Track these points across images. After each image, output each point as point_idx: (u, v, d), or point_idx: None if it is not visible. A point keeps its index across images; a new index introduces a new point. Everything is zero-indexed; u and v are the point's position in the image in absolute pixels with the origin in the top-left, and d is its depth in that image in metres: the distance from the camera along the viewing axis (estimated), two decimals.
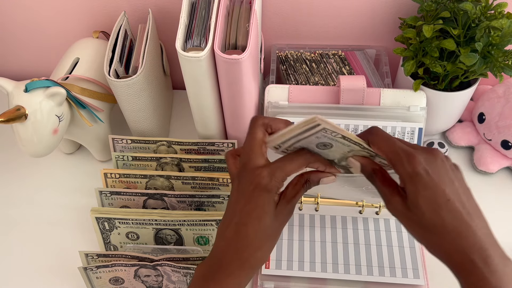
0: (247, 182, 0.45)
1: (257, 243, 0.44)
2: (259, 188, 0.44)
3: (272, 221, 0.44)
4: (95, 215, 0.58)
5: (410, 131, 0.61)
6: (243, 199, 0.45)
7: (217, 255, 0.45)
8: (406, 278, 0.58)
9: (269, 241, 0.45)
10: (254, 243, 0.44)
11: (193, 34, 0.56)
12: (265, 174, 0.44)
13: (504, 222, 0.65)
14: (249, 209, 0.44)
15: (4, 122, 0.54)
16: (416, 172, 0.41)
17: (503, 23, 0.55)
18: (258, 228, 0.44)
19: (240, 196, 0.45)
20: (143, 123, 0.68)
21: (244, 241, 0.44)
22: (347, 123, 0.61)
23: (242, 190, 0.45)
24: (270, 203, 0.44)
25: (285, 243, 0.61)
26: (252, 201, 0.44)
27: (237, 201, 0.45)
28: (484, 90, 0.74)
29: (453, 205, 0.40)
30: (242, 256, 0.44)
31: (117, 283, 0.57)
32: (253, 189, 0.44)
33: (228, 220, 0.46)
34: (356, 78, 0.62)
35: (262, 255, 0.45)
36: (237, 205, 0.45)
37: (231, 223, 0.45)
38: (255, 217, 0.44)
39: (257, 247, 0.44)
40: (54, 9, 0.74)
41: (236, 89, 0.58)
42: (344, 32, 0.75)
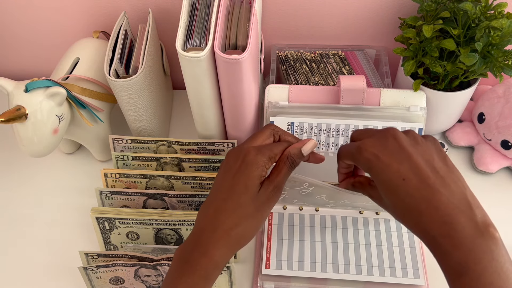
0: (234, 159, 0.45)
1: (235, 219, 0.43)
2: (245, 162, 0.44)
3: (253, 197, 0.43)
4: (95, 215, 0.58)
5: None
6: (229, 176, 0.44)
7: (194, 234, 0.44)
8: (407, 278, 0.58)
9: (250, 219, 0.43)
10: (231, 218, 0.43)
11: (193, 34, 0.56)
12: (252, 150, 0.44)
13: (504, 222, 0.65)
14: (233, 184, 0.43)
15: (4, 122, 0.54)
16: (366, 159, 0.41)
17: (503, 23, 0.56)
18: (237, 202, 0.43)
19: (226, 174, 0.45)
20: (143, 123, 0.68)
21: (222, 216, 0.43)
22: (347, 123, 0.62)
23: (228, 168, 0.45)
24: (254, 178, 0.43)
25: (285, 243, 0.62)
26: (236, 176, 0.44)
27: (222, 178, 0.45)
28: (484, 90, 0.74)
29: (409, 183, 0.39)
30: (218, 232, 0.42)
31: (117, 283, 0.57)
32: (239, 165, 0.44)
33: (211, 199, 0.45)
34: (356, 78, 0.62)
35: (241, 233, 0.43)
36: (222, 182, 0.45)
37: (213, 201, 0.44)
38: (237, 192, 0.43)
39: (235, 223, 0.43)
40: (54, 9, 0.74)
41: (236, 89, 0.58)
42: (344, 32, 0.75)
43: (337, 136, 0.62)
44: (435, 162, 0.40)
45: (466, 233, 0.36)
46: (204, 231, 0.43)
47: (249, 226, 0.44)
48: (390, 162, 0.40)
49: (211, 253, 0.42)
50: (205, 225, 0.44)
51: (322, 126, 0.62)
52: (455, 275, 0.36)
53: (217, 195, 0.45)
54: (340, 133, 0.62)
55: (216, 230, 0.43)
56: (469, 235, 0.36)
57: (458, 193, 0.38)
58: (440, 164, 0.40)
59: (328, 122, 0.62)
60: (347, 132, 0.61)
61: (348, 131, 0.62)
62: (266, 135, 0.48)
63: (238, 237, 0.43)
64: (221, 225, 0.43)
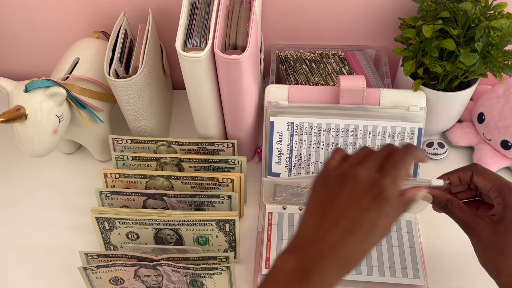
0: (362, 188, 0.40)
1: (362, 257, 0.39)
2: (380, 199, 0.39)
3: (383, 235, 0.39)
4: (95, 215, 0.58)
5: (410, 131, 0.61)
6: (357, 206, 0.39)
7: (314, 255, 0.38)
8: (406, 278, 0.58)
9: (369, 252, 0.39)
10: (359, 257, 0.38)
11: (193, 34, 0.56)
12: (388, 182, 0.39)
13: None
14: (364, 219, 0.38)
15: (4, 122, 0.54)
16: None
17: (502, 23, 0.56)
18: (367, 242, 0.38)
19: (354, 202, 0.39)
20: (143, 123, 0.68)
21: (349, 252, 0.38)
22: (347, 123, 0.62)
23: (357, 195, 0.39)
24: (387, 218, 0.39)
25: (285, 243, 0.61)
26: (369, 211, 0.39)
27: (348, 204, 0.40)
28: (484, 90, 0.74)
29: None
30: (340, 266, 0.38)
31: (117, 283, 0.57)
32: (371, 199, 0.39)
33: (332, 221, 0.39)
34: (356, 78, 0.62)
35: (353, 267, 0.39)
36: (348, 210, 0.39)
37: (336, 227, 0.39)
38: (366, 230, 0.38)
39: (360, 260, 0.38)
40: (54, 9, 0.74)
41: (236, 89, 0.58)
42: (344, 32, 0.75)
43: (337, 136, 0.62)
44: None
45: None
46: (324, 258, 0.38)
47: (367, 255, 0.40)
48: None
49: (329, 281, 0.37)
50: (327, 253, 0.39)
51: (322, 126, 0.62)
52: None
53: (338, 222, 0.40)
54: (340, 133, 0.62)
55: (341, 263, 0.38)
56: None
57: None
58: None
59: (328, 122, 0.62)
60: (347, 132, 0.62)
61: (347, 131, 0.62)
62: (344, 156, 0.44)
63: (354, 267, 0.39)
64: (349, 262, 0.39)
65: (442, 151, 0.72)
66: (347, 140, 0.61)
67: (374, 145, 0.62)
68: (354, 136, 0.61)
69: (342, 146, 0.62)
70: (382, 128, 0.61)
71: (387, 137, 0.61)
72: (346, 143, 0.62)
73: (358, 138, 0.61)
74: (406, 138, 0.61)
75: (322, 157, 0.62)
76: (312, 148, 0.62)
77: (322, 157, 0.62)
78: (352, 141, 0.61)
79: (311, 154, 0.62)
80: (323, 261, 0.37)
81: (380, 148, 0.44)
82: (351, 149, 0.62)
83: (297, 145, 0.62)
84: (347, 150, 0.62)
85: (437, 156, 0.72)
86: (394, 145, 0.44)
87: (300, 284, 0.37)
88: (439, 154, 0.72)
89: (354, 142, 0.61)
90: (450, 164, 0.71)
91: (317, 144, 0.62)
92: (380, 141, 0.62)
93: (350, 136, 0.61)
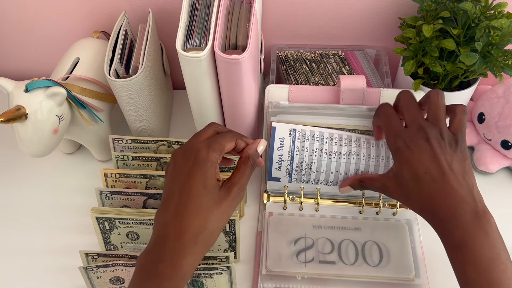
0: (184, 158, 0.43)
1: (201, 222, 0.41)
2: (198, 160, 0.42)
3: (215, 197, 0.42)
4: (95, 215, 0.58)
5: None
6: (182, 177, 0.42)
7: (156, 243, 0.41)
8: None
9: (215, 220, 0.41)
10: (196, 222, 0.41)
11: (193, 34, 0.56)
12: (202, 147, 0.43)
13: (504, 222, 0.65)
14: (189, 186, 0.42)
15: (4, 122, 0.54)
16: (397, 146, 0.51)
17: (502, 23, 0.56)
18: (199, 204, 0.41)
19: (179, 176, 0.43)
20: (143, 123, 0.68)
21: (185, 221, 0.40)
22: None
23: (180, 169, 0.43)
24: (212, 177, 0.42)
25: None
26: (191, 176, 0.42)
27: (175, 181, 0.43)
28: (484, 90, 0.74)
29: (430, 176, 0.48)
30: (183, 240, 0.40)
31: (118, 283, 0.57)
32: (192, 164, 0.42)
33: (166, 201, 0.42)
34: (356, 78, 0.62)
35: (208, 236, 0.41)
36: (176, 186, 0.42)
37: (169, 205, 0.42)
38: (195, 193, 0.41)
39: (201, 227, 0.41)
40: (54, 9, 0.74)
41: (236, 89, 0.58)
42: (344, 32, 0.75)
43: (340, 145, 0.61)
44: (453, 163, 0.48)
45: (467, 217, 0.45)
46: (167, 239, 0.41)
47: (215, 227, 0.42)
48: (418, 156, 0.49)
49: (179, 263, 0.40)
50: (168, 233, 0.41)
51: (324, 134, 0.61)
52: (454, 248, 0.46)
53: (173, 200, 0.42)
54: (343, 142, 0.61)
55: (181, 237, 0.40)
56: (469, 219, 0.45)
57: (467, 189, 0.47)
58: (458, 166, 0.48)
59: (331, 131, 0.61)
60: (350, 141, 0.61)
61: (350, 141, 0.61)
62: (210, 132, 0.48)
63: (205, 241, 0.41)
64: (186, 231, 0.40)
65: None
66: (350, 149, 0.61)
67: (379, 155, 0.61)
68: (357, 146, 0.61)
69: (346, 155, 0.61)
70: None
71: None
72: (350, 152, 0.61)
73: (362, 148, 0.61)
74: None
75: (324, 165, 0.61)
76: (314, 156, 0.61)
77: (324, 166, 0.61)
78: (356, 151, 0.61)
79: (313, 162, 0.61)
80: None
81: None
82: (355, 159, 0.61)
83: (298, 152, 0.61)
84: (351, 160, 0.61)
85: None
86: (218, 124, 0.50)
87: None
88: None
89: (358, 152, 0.61)
90: None
91: (319, 152, 0.61)
92: (384, 151, 0.61)
93: (354, 145, 0.61)
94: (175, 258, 0.40)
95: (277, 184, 0.64)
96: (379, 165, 0.61)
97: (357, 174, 0.61)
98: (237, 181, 0.44)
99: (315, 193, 0.64)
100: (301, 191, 0.63)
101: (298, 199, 0.64)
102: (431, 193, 0.48)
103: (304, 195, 0.64)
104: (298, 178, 0.63)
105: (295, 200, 0.64)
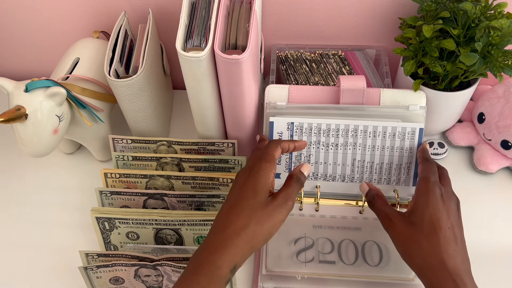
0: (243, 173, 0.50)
1: (244, 219, 0.45)
2: (253, 171, 0.49)
3: (262, 201, 0.47)
4: (95, 215, 0.58)
5: (410, 131, 0.61)
6: (238, 186, 0.49)
7: (208, 235, 0.46)
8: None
9: (259, 222, 0.45)
10: (240, 219, 0.45)
11: (193, 34, 0.56)
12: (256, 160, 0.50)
13: (504, 222, 0.65)
14: (242, 191, 0.48)
15: (4, 122, 0.54)
16: (433, 191, 0.50)
17: (503, 23, 0.56)
18: (246, 205, 0.46)
19: (236, 186, 0.49)
20: (143, 123, 0.68)
21: (231, 218, 0.46)
22: (347, 123, 0.61)
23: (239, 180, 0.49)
24: (262, 183, 0.48)
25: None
26: (245, 184, 0.48)
27: (233, 190, 0.49)
28: (484, 90, 0.74)
29: (452, 234, 0.48)
30: (226, 233, 0.45)
31: (118, 283, 0.57)
32: (248, 174, 0.49)
33: (223, 206, 0.49)
34: (356, 78, 0.62)
35: (251, 234, 0.45)
36: (232, 192, 0.49)
37: (224, 207, 0.48)
38: (245, 196, 0.47)
39: (244, 224, 0.45)
40: (54, 9, 0.74)
41: (236, 89, 0.58)
42: (344, 32, 0.75)
43: (337, 136, 0.62)
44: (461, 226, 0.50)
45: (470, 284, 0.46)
46: (214, 232, 0.46)
47: (259, 228, 0.46)
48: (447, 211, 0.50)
49: (219, 252, 0.44)
50: (216, 227, 0.46)
51: (322, 126, 0.62)
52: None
53: (229, 202, 0.48)
54: (340, 133, 0.62)
55: (226, 229, 0.45)
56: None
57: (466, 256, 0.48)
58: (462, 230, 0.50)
59: (328, 122, 0.62)
60: (347, 132, 0.61)
61: (347, 131, 0.62)
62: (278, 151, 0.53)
63: (248, 238, 0.45)
64: (230, 225, 0.45)
65: (442, 151, 0.72)
66: (347, 140, 0.61)
67: (374, 145, 0.62)
68: (354, 136, 0.61)
69: (343, 146, 0.62)
70: (382, 129, 0.61)
71: (387, 137, 0.61)
72: (346, 144, 0.61)
73: (359, 139, 0.61)
74: (407, 139, 0.61)
75: (322, 157, 0.62)
76: (312, 148, 0.62)
77: (322, 158, 0.62)
78: (352, 142, 0.61)
79: (311, 154, 0.62)
80: None
81: None
82: (351, 149, 0.62)
83: None
84: (347, 150, 0.62)
85: (437, 156, 0.72)
86: None
87: None
88: (439, 154, 0.72)
89: (355, 143, 0.61)
90: (450, 164, 0.71)
91: (317, 145, 0.62)
92: (380, 142, 0.62)
93: (350, 136, 0.61)
94: (216, 247, 0.44)
95: (278, 181, 0.64)
96: (375, 154, 0.62)
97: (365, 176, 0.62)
98: (283, 190, 0.49)
99: (315, 193, 0.64)
100: (301, 190, 0.63)
101: (298, 199, 0.64)
102: (450, 250, 0.47)
103: (304, 195, 0.64)
104: None
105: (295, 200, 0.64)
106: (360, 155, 0.62)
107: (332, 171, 0.63)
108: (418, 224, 0.49)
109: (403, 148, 0.62)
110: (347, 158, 0.62)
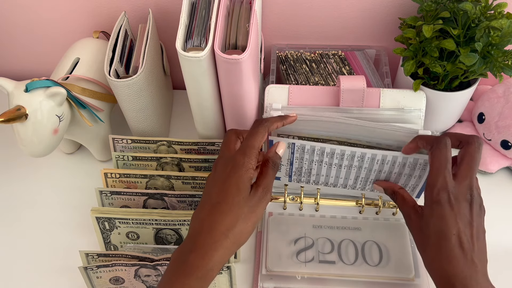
0: (223, 166, 0.48)
1: (231, 219, 0.45)
2: (235, 166, 0.47)
3: (246, 198, 0.46)
4: (95, 215, 0.58)
5: (423, 162, 0.59)
6: (219, 181, 0.47)
7: (191, 236, 0.45)
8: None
9: (245, 220, 0.45)
10: (227, 219, 0.44)
11: (193, 34, 0.56)
12: (239, 155, 0.48)
13: (504, 222, 0.65)
14: (225, 188, 0.46)
15: (4, 122, 0.54)
16: (438, 200, 0.48)
17: (503, 23, 0.56)
18: (232, 203, 0.45)
19: (217, 180, 0.47)
20: (143, 123, 0.68)
21: (217, 217, 0.45)
22: (353, 150, 0.59)
23: (218, 175, 0.48)
24: (245, 180, 0.46)
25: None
26: (227, 180, 0.46)
27: (213, 185, 0.47)
28: (484, 90, 0.74)
29: (457, 239, 0.46)
30: (215, 233, 0.44)
31: (118, 283, 0.57)
32: (229, 170, 0.47)
33: (203, 203, 0.47)
34: (356, 78, 0.62)
35: (238, 233, 0.45)
36: (213, 188, 0.47)
37: (205, 205, 0.46)
38: (230, 194, 0.46)
39: (231, 224, 0.44)
40: (54, 9, 0.74)
41: (236, 89, 0.58)
42: (344, 32, 0.75)
43: (342, 159, 0.61)
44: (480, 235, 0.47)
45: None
46: (200, 233, 0.45)
47: (244, 226, 0.45)
48: (455, 216, 0.47)
49: (209, 254, 0.43)
50: (201, 227, 0.45)
51: (325, 149, 0.59)
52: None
53: (210, 200, 0.47)
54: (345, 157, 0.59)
55: (213, 231, 0.44)
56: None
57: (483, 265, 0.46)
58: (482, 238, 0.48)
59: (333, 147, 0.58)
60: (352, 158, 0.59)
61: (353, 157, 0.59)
62: (234, 139, 0.52)
63: (235, 238, 0.45)
64: (218, 226, 0.44)
65: None
66: (352, 163, 0.60)
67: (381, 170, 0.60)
68: (360, 161, 0.59)
69: (346, 167, 0.60)
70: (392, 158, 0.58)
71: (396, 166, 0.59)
72: (351, 166, 0.60)
73: (365, 163, 0.59)
74: (417, 169, 0.59)
75: (324, 171, 0.61)
76: (313, 164, 0.61)
77: (324, 172, 0.61)
78: (357, 165, 0.60)
79: (313, 168, 0.61)
80: None
81: None
82: (355, 171, 0.61)
83: (297, 161, 0.61)
84: (351, 172, 0.61)
85: None
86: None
87: None
88: None
89: (360, 166, 0.60)
90: None
91: (319, 163, 0.61)
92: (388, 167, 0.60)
93: (356, 161, 0.59)
94: (206, 249, 0.43)
95: (277, 183, 0.64)
96: (380, 177, 0.61)
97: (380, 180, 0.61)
98: (261, 182, 0.48)
99: (315, 193, 0.64)
100: (301, 191, 0.63)
101: (298, 199, 0.64)
102: (451, 258, 0.46)
103: (304, 195, 0.64)
104: (298, 179, 0.63)
105: (295, 200, 0.64)
106: (365, 174, 0.61)
107: (333, 181, 0.63)
108: (425, 231, 0.49)
109: (412, 175, 0.60)
110: (351, 175, 0.61)
